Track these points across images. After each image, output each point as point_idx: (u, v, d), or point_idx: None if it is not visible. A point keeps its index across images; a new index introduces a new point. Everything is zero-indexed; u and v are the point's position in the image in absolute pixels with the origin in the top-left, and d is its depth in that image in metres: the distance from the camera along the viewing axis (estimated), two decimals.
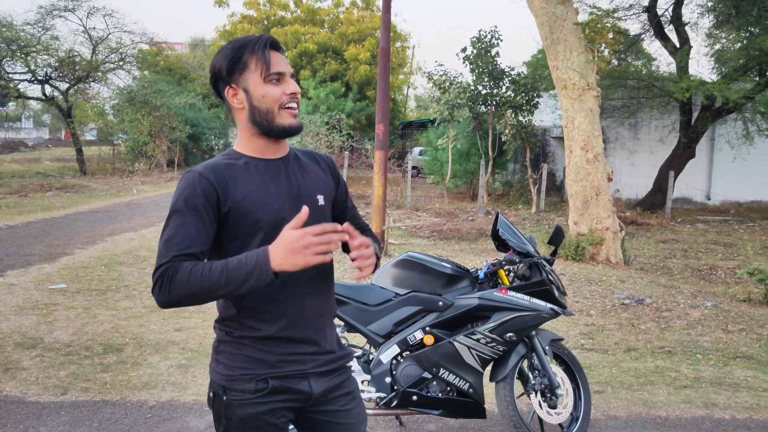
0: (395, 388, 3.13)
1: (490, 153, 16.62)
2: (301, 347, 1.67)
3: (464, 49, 16.55)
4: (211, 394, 1.68)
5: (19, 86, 22.24)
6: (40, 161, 27.81)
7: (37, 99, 24.17)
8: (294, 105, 1.66)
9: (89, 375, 4.19)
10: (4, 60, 20.85)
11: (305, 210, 1.47)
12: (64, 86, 22.88)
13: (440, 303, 3.19)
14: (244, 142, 1.69)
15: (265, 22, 28.79)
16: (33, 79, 21.89)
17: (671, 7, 14.44)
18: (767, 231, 12.66)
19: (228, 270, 1.46)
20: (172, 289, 1.48)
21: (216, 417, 1.68)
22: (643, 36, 15.34)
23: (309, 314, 1.68)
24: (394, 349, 3.15)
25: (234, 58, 1.64)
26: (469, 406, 3.16)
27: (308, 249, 1.42)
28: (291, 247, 1.42)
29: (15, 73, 21.87)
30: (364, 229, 1.92)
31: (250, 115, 1.65)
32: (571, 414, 3.35)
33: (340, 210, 1.88)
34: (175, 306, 1.53)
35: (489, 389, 3.42)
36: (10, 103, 29.39)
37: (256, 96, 1.63)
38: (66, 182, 18.40)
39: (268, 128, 1.65)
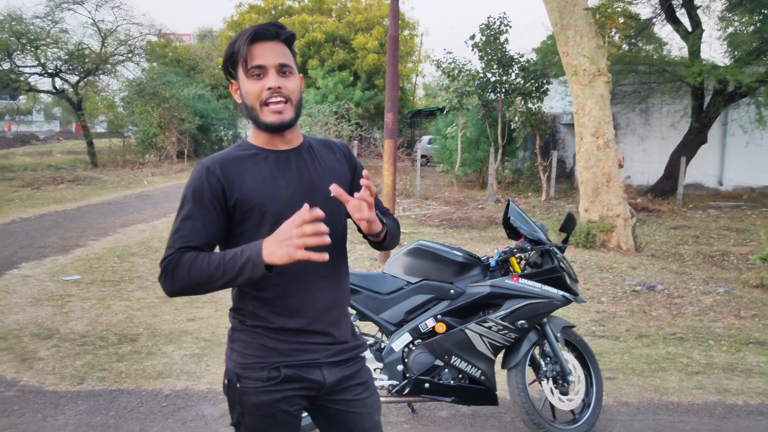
0: (407, 375, 3.15)
1: (500, 141, 16.54)
2: (314, 338, 1.69)
3: (473, 37, 16.43)
4: (226, 382, 1.71)
5: (30, 79, 22.35)
6: (52, 154, 28.01)
7: (47, 92, 24.30)
8: (276, 100, 1.59)
9: (105, 364, 4.25)
10: (15, 53, 20.96)
11: (305, 208, 1.43)
12: (74, 79, 22.97)
13: (452, 291, 3.19)
14: (254, 133, 1.70)
15: (273, 12, 28.72)
16: (43, 72, 21.99)
17: None
18: None
19: (225, 261, 1.49)
20: (175, 278, 1.54)
21: (230, 404, 1.71)
22: (654, 20, 15.17)
23: (322, 306, 1.69)
24: (406, 337, 3.16)
25: (228, 54, 1.64)
26: (481, 393, 3.17)
27: (302, 238, 1.40)
28: (277, 239, 1.43)
29: (25, 66, 21.99)
30: (385, 214, 1.91)
31: (245, 110, 1.66)
32: (583, 400, 3.36)
33: None
34: (181, 295, 1.58)
35: (501, 376, 3.43)
36: (21, 97, 29.54)
37: (243, 92, 1.63)
38: (77, 174, 18.53)
39: (257, 125, 1.64)
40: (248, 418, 1.68)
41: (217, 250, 1.70)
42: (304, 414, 2.97)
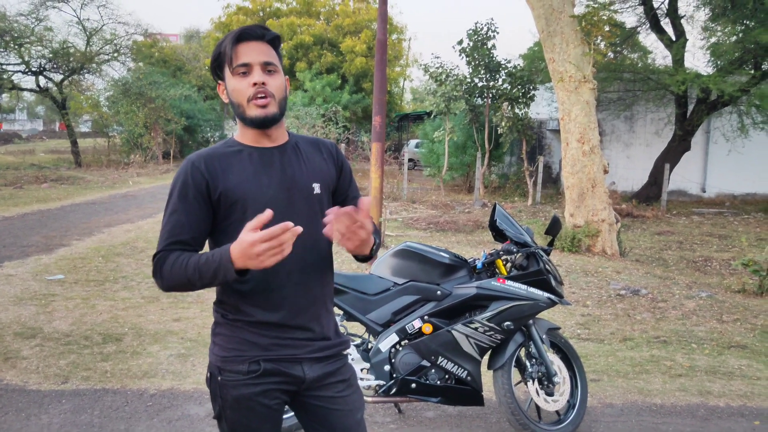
0: (394, 376, 3.16)
1: (487, 145, 16.63)
2: (294, 333, 1.71)
3: (460, 42, 16.52)
4: (208, 375, 1.74)
5: (13, 77, 22.09)
6: (35, 153, 27.69)
7: (31, 90, 24.05)
8: (261, 95, 1.63)
9: (89, 364, 4.21)
10: None
11: (267, 213, 1.46)
12: (58, 78, 22.76)
13: (438, 292, 3.21)
14: (240, 131, 1.74)
15: (261, 14, 28.68)
16: (27, 70, 21.76)
17: (667, 0, 14.45)
18: (762, 223, 12.73)
19: (199, 265, 1.55)
20: (163, 277, 1.61)
21: (212, 397, 1.74)
22: (639, 29, 15.35)
23: (303, 302, 1.71)
24: (393, 338, 3.18)
25: (215, 55, 1.70)
26: (468, 393, 3.19)
27: (261, 256, 1.44)
28: (246, 252, 1.45)
29: (9, 64, 21.75)
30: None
31: (232, 108, 1.71)
32: (568, 401, 3.39)
33: (342, 198, 1.86)
34: (174, 291, 1.66)
35: (487, 377, 3.45)
36: (3, 95, 29.20)
37: (230, 90, 1.68)
38: (61, 174, 18.34)
39: (243, 121, 1.68)
40: (229, 411, 1.70)
41: (206, 245, 1.73)
42: (292, 413, 2.98)
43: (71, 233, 9.29)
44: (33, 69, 21.73)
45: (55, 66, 22.29)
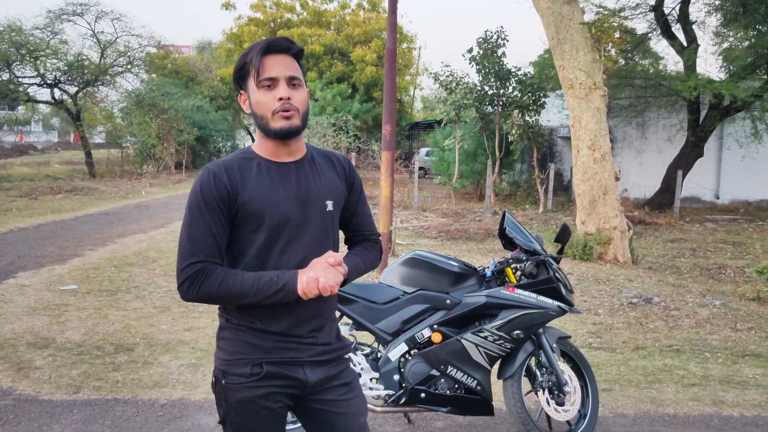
0: (403, 385, 3.15)
1: (497, 153, 16.61)
2: (296, 338, 1.74)
3: (470, 50, 16.56)
4: (213, 379, 1.77)
5: (29, 90, 22.37)
6: (50, 164, 28.00)
7: (46, 103, 24.32)
8: (286, 108, 1.66)
9: (101, 374, 4.24)
10: (14, 64, 21.00)
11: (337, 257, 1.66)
12: (72, 90, 23.01)
13: (448, 301, 3.20)
14: (259, 142, 1.76)
15: (272, 25, 28.88)
16: (42, 83, 22.02)
17: (678, 6, 14.39)
18: None
19: (259, 284, 1.60)
20: (201, 288, 1.61)
21: (217, 401, 1.76)
22: (650, 35, 15.29)
23: (306, 315, 1.74)
24: (403, 347, 3.17)
25: (240, 65, 1.71)
26: (477, 403, 3.18)
27: (318, 279, 1.61)
28: (319, 270, 1.62)
29: (24, 77, 22.02)
30: (369, 239, 1.96)
31: (254, 119, 1.73)
32: (579, 411, 3.36)
33: (349, 213, 1.90)
34: (198, 302, 1.66)
35: (497, 387, 3.43)
36: (19, 107, 29.53)
37: (253, 102, 1.69)
38: (75, 185, 18.53)
39: (266, 132, 1.70)
40: (233, 414, 1.73)
41: None
42: (298, 425, 2.98)
43: (85, 243, 9.37)
44: (48, 81, 22.00)
45: (69, 78, 22.55)
